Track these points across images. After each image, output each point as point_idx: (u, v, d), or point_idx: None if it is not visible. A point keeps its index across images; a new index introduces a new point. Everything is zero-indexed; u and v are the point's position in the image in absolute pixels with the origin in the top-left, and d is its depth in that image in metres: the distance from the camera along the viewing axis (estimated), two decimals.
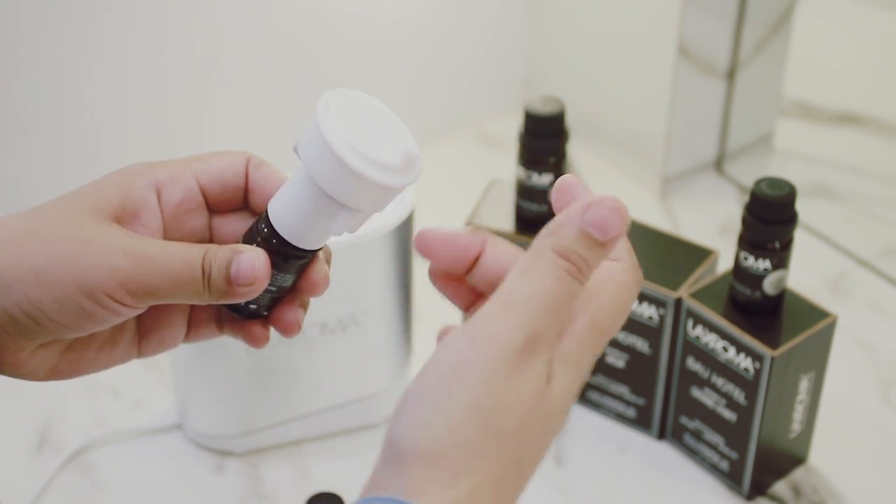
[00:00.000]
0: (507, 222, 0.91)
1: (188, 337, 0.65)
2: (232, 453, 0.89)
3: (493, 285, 0.57)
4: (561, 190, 0.56)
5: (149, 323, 0.64)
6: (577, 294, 0.53)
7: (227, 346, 0.83)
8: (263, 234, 0.61)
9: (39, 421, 0.92)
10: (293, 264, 0.62)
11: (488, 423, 0.52)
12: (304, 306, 0.65)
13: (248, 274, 0.60)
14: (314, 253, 0.62)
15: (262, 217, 0.61)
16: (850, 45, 1.29)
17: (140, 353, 0.64)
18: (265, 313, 0.64)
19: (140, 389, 0.95)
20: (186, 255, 0.59)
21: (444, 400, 0.52)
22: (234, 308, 0.63)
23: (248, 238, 0.61)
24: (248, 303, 0.63)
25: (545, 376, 0.52)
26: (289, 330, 0.64)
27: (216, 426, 0.88)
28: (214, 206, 0.64)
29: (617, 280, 0.55)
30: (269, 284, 0.62)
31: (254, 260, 0.60)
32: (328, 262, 0.65)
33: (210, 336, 0.65)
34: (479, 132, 1.24)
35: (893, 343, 1.00)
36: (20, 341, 0.60)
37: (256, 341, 0.64)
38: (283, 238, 0.60)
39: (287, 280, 0.62)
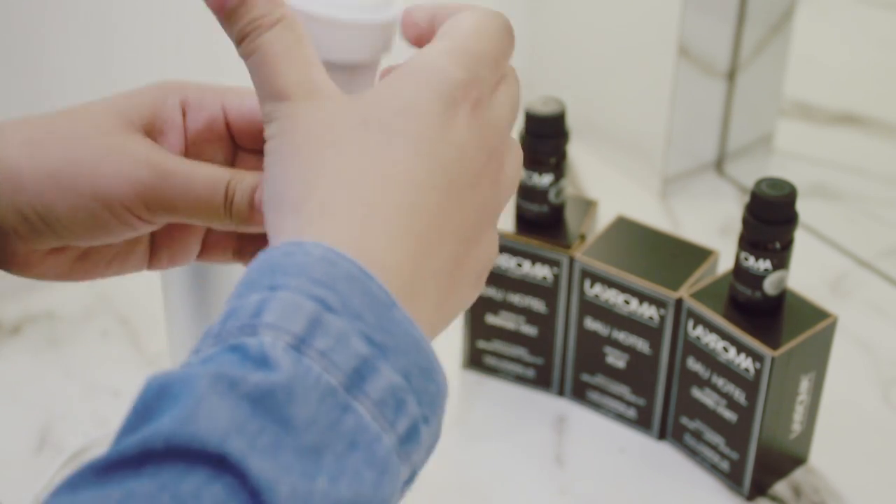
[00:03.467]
0: (508, 222, 0.91)
1: (201, 256, 0.63)
2: None
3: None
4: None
5: (163, 237, 0.62)
6: None
7: None
8: None
9: (39, 421, 0.92)
10: None
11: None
12: None
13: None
14: None
15: None
16: (850, 45, 1.29)
17: (150, 266, 0.63)
18: None
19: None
20: (212, 175, 0.58)
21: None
22: None
23: None
24: None
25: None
26: None
27: None
28: (240, 141, 0.62)
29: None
30: None
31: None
32: None
33: (224, 260, 0.64)
34: None
35: (894, 343, 1.00)
36: (32, 243, 0.58)
37: None
38: None
39: None
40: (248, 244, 0.63)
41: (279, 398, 0.44)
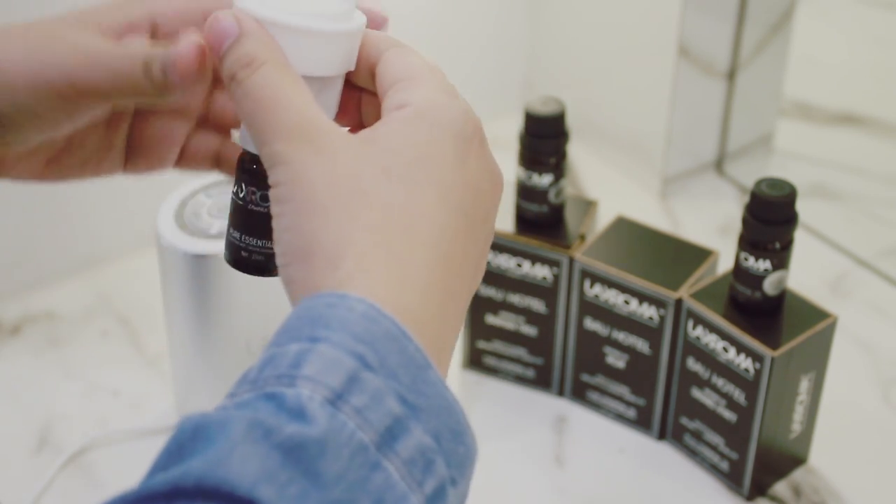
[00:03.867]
0: (508, 222, 0.91)
1: (179, 164, 0.64)
2: None
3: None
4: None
5: (137, 141, 0.63)
6: None
7: (227, 346, 0.83)
8: (245, 166, 0.58)
9: (39, 421, 0.92)
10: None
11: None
12: None
13: (184, 60, 0.56)
14: None
15: (240, 157, 0.59)
16: (849, 45, 1.29)
17: (126, 170, 0.64)
18: (272, 269, 0.60)
19: (140, 390, 0.95)
20: (132, 52, 0.58)
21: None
22: (240, 264, 0.61)
23: (238, 181, 0.59)
24: (252, 253, 0.60)
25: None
26: None
27: None
28: (162, 26, 0.61)
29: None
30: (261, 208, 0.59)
31: (190, 45, 0.56)
32: None
33: (204, 169, 0.64)
34: None
35: (893, 343, 1.00)
36: (3, 139, 0.59)
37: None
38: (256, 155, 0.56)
39: None
40: (229, 153, 0.64)
41: (311, 451, 0.45)
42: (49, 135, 0.60)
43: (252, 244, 0.59)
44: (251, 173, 0.58)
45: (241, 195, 0.58)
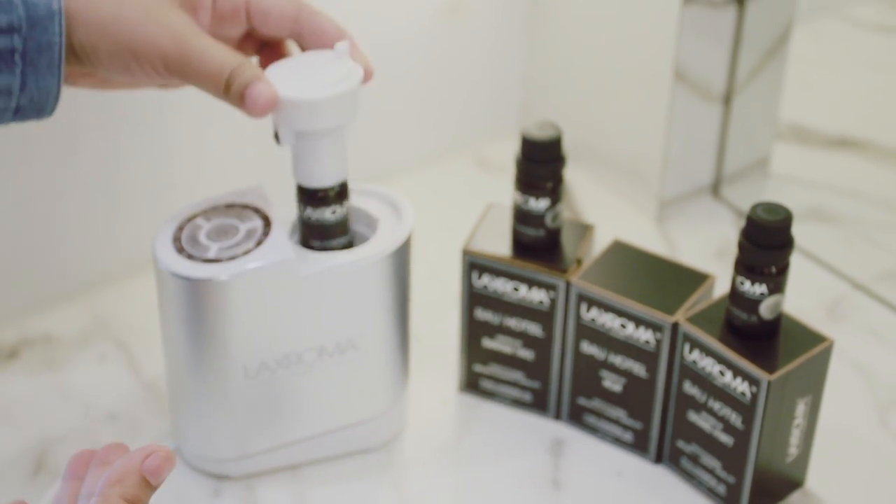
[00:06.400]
0: (504, 246, 0.91)
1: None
2: (229, 477, 0.89)
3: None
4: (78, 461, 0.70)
5: None
6: None
7: (224, 370, 0.83)
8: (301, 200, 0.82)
9: (36, 445, 0.92)
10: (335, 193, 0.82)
11: None
12: None
13: (258, 103, 0.75)
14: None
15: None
16: (845, 69, 1.29)
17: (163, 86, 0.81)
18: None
19: (137, 413, 0.95)
20: (220, 60, 0.75)
21: None
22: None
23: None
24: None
25: None
26: None
27: (213, 450, 0.88)
28: (254, 24, 0.81)
29: None
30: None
31: (262, 91, 0.75)
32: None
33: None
34: (476, 156, 1.24)
35: (890, 367, 1.00)
36: (75, 67, 0.75)
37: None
38: (309, 188, 0.81)
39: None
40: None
41: None
42: (116, 81, 0.79)
43: None
44: None
45: None
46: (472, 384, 0.97)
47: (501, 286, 0.91)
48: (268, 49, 0.83)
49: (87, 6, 0.73)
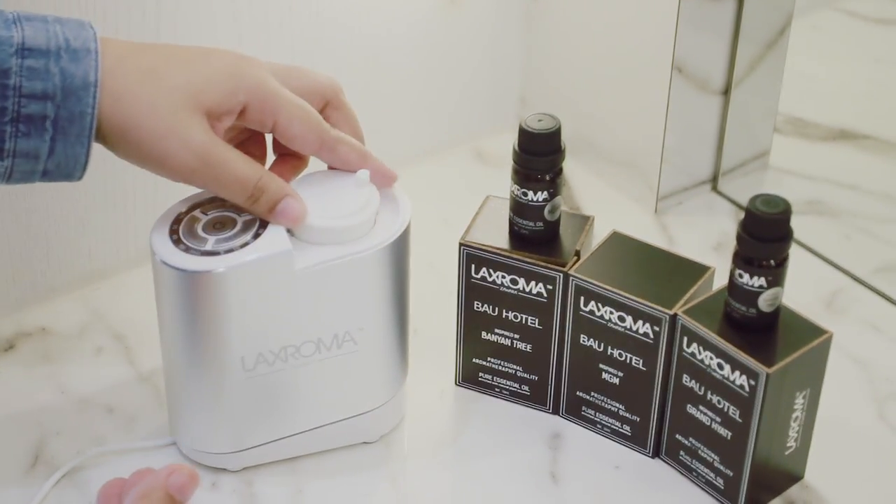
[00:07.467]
0: (502, 239, 0.91)
1: None
2: (227, 470, 0.89)
3: None
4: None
5: None
6: None
7: (221, 363, 0.83)
8: None
9: (33, 438, 0.92)
10: None
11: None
12: None
13: (290, 218, 0.79)
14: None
15: None
16: (844, 62, 1.29)
17: None
18: None
19: (134, 407, 0.94)
20: (244, 173, 0.78)
21: None
22: None
23: None
24: None
25: None
26: None
27: (211, 443, 0.88)
28: (275, 148, 0.85)
29: None
30: None
31: (296, 209, 0.79)
32: None
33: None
34: (474, 149, 1.24)
35: (888, 360, 1.00)
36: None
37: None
38: None
39: None
40: None
41: None
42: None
43: None
44: None
45: None
46: (469, 377, 0.97)
47: (499, 278, 0.91)
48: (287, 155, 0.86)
49: (110, 108, 0.74)
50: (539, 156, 0.88)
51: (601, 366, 0.90)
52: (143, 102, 0.75)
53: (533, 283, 0.90)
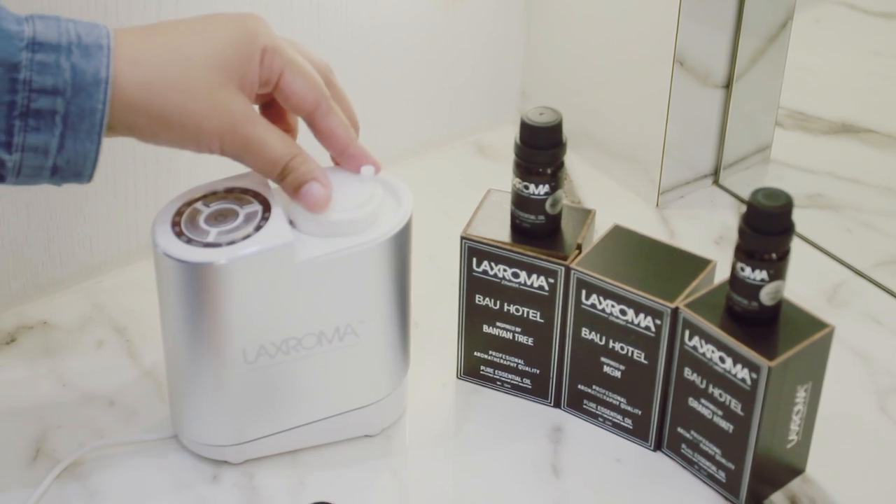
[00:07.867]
0: (503, 232, 0.91)
1: None
2: (228, 463, 0.89)
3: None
4: None
5: None
6: None
7: (223, 355, 0.83)
8: None
9: (34, 431, 0.92)
10: None
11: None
12: None
13: (311, 201, 0.81)
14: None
15: None
16: (846, 55, 1.29)
17: None
18: None
19: (135, 400, 0.94)
20: (279, 151, 0.79)
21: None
22: None
23: None
24: None
25: None
26: None
27: (212, 436, 0.88)
28: (277, 99, 0.83)
29: None
30: None
31: (320, 194, 0.81)
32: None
33: None
34: (475, 142, 1.24)
35: (890, 353, 1.00)
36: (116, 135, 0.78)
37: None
38: None
39: None
40: None
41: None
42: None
43: None
44: None
45: None
46: (471, 370, 0.97)
47: (501, 272, 0.91)
48: (273, 109, 0.86)
49: (145, 100, 0.74)
50: (540, 149, 0.88)
51: (603, 359, 0.90)
52: (177, 87, 0.75)
53: (534, 276, 0.90)
